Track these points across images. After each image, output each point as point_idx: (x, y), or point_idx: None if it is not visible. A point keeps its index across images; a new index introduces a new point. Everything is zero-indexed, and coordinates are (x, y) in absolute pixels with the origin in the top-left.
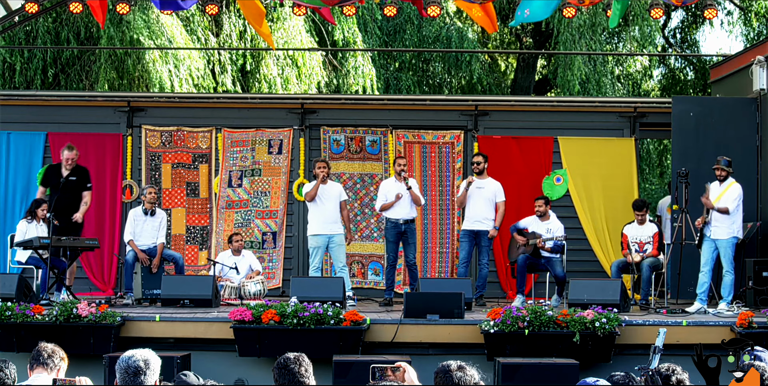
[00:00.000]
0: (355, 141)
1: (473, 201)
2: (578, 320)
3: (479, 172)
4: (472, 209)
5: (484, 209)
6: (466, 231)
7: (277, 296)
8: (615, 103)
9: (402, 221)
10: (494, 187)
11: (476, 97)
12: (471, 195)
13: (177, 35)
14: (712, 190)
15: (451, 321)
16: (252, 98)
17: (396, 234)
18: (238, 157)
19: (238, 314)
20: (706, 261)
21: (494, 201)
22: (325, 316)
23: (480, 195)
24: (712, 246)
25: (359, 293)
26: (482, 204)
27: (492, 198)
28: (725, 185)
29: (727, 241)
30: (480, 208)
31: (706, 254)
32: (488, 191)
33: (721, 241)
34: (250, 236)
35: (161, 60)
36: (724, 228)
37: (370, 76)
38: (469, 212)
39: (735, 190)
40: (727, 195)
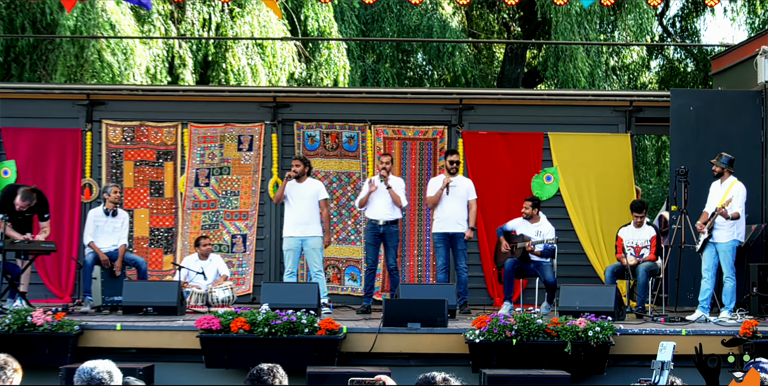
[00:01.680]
0: (331, 137)
1: (446, 202)
2: (570, 329)
3: (455, 171)
4: (446, 210)
5: (459, 209)
6: (440, 234)
7: (247, 303)
8: (609, 97)
9: (381, 222)
10: (466, 185)
11: (460, 90)
12: (445, 195)
13: (126, 21)
14: (713, 190)
15: (433, 329)
16: (221, 91)
17: (375, 236)
18: (206, 154)
19: (205, 322)
20: (708, 266)
21: (467, 200)
22: (299, 325)
23: (454, 194)
24: (713, 250)
25: (335, 300)
26: (456, 204)
27: (465, 197)
28: (727, 185)
29: (727, 245)
30: (454, 209)
31: (708, 259)
32: (461, 190)
33: (722, 245)
34: (219, 239)
35: (109, 49)
36: (724, 230)
37: (345, 68)
38: (443, 213)
39: (740, 191)
40: (734, 200)
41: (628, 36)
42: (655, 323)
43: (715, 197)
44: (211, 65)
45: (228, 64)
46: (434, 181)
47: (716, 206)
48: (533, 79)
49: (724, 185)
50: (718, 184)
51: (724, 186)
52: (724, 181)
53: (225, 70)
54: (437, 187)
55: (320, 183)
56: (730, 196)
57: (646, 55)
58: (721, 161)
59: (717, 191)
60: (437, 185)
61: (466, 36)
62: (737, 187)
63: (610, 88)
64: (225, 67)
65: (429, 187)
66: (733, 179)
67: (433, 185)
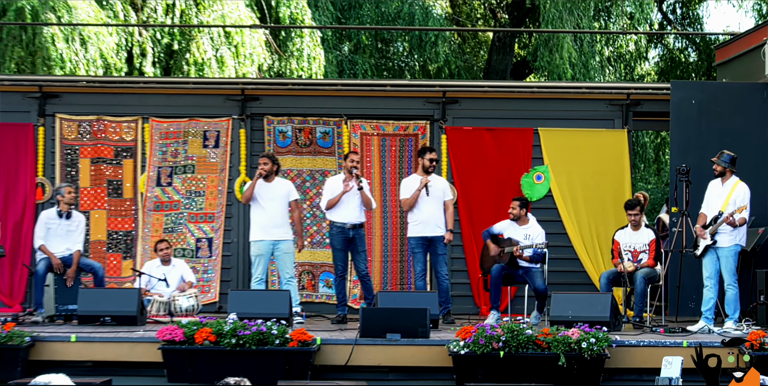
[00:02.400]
0: (304, 132)
1: (423, 204)
2: (562, 340)
3: (434, 170)
4: (424, 212)
5: (437, 211)
6: (417, 238)
7: (213, 312)
8: (605, 89)
9: (349, 225)
10: (442, 185)
11: (444, 82)
12: (421, 197)
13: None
14: (712, 190)
15: (414, 341)
16: (185, 83)
17: (343, 241)
18: (168, 151)
19: (167, 333)
20: (710, 274)
21: (443, 201)
22: (269, 336)
23: (431, 194)
24: (714, 256)
25: (309, 308)
26: (434, 206)
27: (441, 198)
28: (729, 186)
29: (729, 250)
30: (432, 211)
31: (709, 266)
32: (437, 190)
33: (723, 250)
34: (182, 243)
35: (64, 37)
36: (726, 235)
37: (319, 58)
38: (419, 216)
39: (746, 193)
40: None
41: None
42: (654, 334)
43: (716, 198)
44: (175, 56)
45: (192, 55)
46: (408, 181)
47: (718, 209)
48: (522, 70)
49: (726, 186)
50: (718, 183)
51: (727, 187)
52: (725, 181)
53: (189, 61)
54: (413, 187)
55: (290, 183)
56: (736, 200)
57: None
58: (722, 159)
59: (718, 192)
60: (413, 186)
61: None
62: (741, 188)
63: (606, 79)
64: (189, 59)
65: (402, 189)
66: (736, 179)
67: (407, 186)
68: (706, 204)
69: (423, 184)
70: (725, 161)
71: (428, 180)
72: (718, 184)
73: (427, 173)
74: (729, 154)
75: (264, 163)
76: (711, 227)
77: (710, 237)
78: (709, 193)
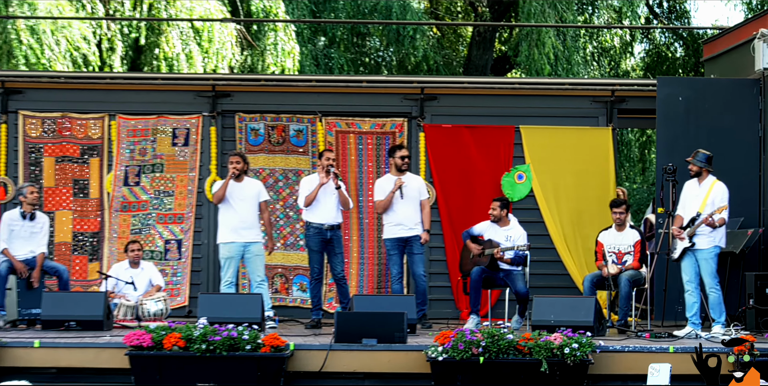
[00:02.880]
0: (277, 130)
1: (399, 204)
2: (544, 345)
3: (407, 169)
4: (399, 213)
5: (412, 211)
6: (393, 240)
7: (182, 317)
8: (588, 86)
9: (327, 226)
10: (417, 184)
11: (422, 78)
12: (396, 197)
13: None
14: (689, 191)
15: (391, 346)
16: (153, 78)
17: (320, 242)
18: (136, 150)
19: (134, 338)
20: (691, 277)
21: (419, 200)
22: (240, 341)
23: (405, 195)
24: (693, 258)
25: (282, 313)
26: (409, 206)
27: (417, 197)
28: (706, 186)
29: (709, 252)
30: (407, 211)
31: (688, 269)
32: (412, 189)
33: (702, 252)
34: (151, 244)
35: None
36: (704, 236)
37: (293, 53)
38: (394, 217)
39: (724, 193)
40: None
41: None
42: (640, 339)
43: (693, 199)
44: (143, 51)
45: (161, 50)
46: (382, 182)
47: (696, 210)
48: (503, 65)
49: (703, 186)
50: (694, 183)
51: (704, 187)
52: (702, 182)
53: (158, 56)
54: (387, 189)
55: (260, 183)
56: (714, 201)
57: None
58: (697, 159)
59: (694, 193)
60: (387, 187)
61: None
62: (719, 188)
63: (590, 75)
64: (158, 54)
65: (376, 190)
66: (713, 179)
67: (381, 187)
68: (682, 205)
69: (397, 187)
70: (701, 160)
71: (402, 182)
72: (695, 185)
73: (401, 172)
74: (704, 153)
75: (236, 161)
76: (689, 229)
77: (688, 238)
78: (686, 194)
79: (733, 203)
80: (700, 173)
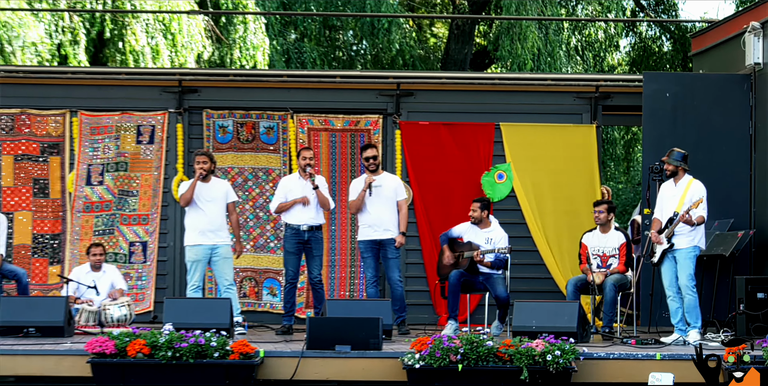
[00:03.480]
0: (247, 127)
1: (372, 205)
2: (525, 352)
3: (374, 169)
4: (372, 214)
5: (387, 213)
6: (366, 242)
7: (147, 322)
8: (572, 81)
9: (305, 227)
10: (393, 184)
11: (398, 73)
12: (369, 198)
13: None
14: (665, 192)
15: (365, 353)
16: (117, 73)
17: (297, 245)
18: (100, 147)
19: (97, 345)
20: (671, 282)
21: (396, 201)
22: (208, 348)
23: (379, 195)
24: (672, 261)
25: (252, 318)
26: (383, 207)
27: (393, 198)
28: (683, 185)
29: (687, 252)
30: (381, 212)
31: (668, 273)
32: (387, 189)
33: (681, 252)
34: (114, 247)
35: None
36: (683, 236)
37: (264, 46)
38: (368, 218)
39: (702, 191)
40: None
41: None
42: (625, 346)
43: (669, 200)
44: (107, 44)
45: (128, 44)
46: (356, 182)
47: (674, 210)
48: (483, 60)
49: (679, 186)
50: (670, 184)
51: (680, 186)
52: (678, 181)
53: (124, 50)
54: (359, 188)
55: (228, 183)
56: (692, 199)
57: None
58: (673, 158)
59: (671, 193)
60: (360, 187)
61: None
62: (696, 186)
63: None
64: (123, 48)
65: (350, 190)
66: (690, 178)
67: (354, 187)
68: (659, 207)
69: (366, 184)
70: (677, 159)
71: (372, 179)
72: (671, 185)
73: (371, 172)
74: (680, 152)
75: (203, 161)
76: (666, 230)
77: (666, 240)
78: (662, 195)
79: (723, 204)
80: (676, 172)
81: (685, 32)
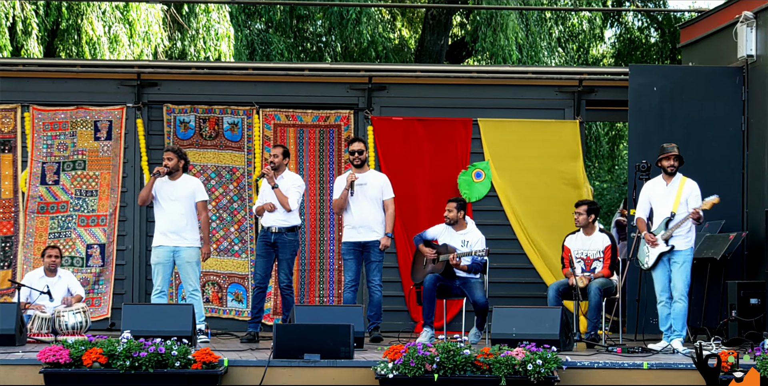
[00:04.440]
0: (210, 123)
1: (356, 204)
2: (504, 361)
3: (360, 164)
4: (356, 214)
5: (372, 213)
6: (349, 244)
7: (104, 330)
8: (554, 74)
9: (274, 229)
10: (380, 182)
11: (370, 65)
12: (353, 197)
13: None
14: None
15: (336, 362)
16: (71, 65)
17: (265, 247)
18: (54, 144)
19: (50, 354)
20: (664, 286)
21: (381, 201)
22: (169, 357)
23: (363, 194)
24: (666, 265)
25: (216, 325)
26: (368, 207)
27: (379, 197)
28: (677, 183)
29: (687, 254)
30: (365, 212)
31: (662, 277)
32: (373, 188)
33: (680, 255)
34: (71, 250)
35: None
36: (680, 238)
37: (229, 37)
38: (351, 218)
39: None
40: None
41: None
42: (611, 354)
43: (662, 199)
44: (61, 35)
45: (84, 34)
46: (340, 179)
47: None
48: (460, 52)
49: (673, 184)
50: (659, 183)
51: (674, 185)
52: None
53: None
54: (342, 186)
55: (198, 181)
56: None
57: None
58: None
59: (662, 192)
60: (342, 184)
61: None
62: (692, 184)
63: (555, 63)
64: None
65: (335, 188)
66: (681, 176)
67: (338, 185)
68: (643, 208)
69: (348, 182)
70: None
71: (354, 177)
72: (660, 184)
73: (358, 168)
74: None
75: (169, 158)
76: (663, 232)
77: (664, 242)
78: (651, 195)
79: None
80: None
81: (674, 22)
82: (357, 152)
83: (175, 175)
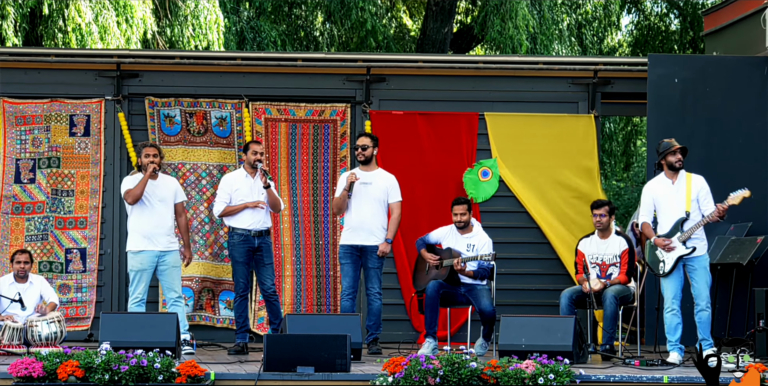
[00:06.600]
0: (197, 118)
1: (357, 205)
2: (513, 375)
3: (365, 161)
4: (356, 215)
5: (373, 215)
6: (347, 247)
7: (81, 341)
8: (566, 65)
9: (254, 232)
10: (386, 183)
11: (368, 55)
12: (354, 196)
13: None
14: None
15: (331, 375)
16: (45, 55)
17: (246, 253)
18: (29, 140)
19: (22, 367)
20: (676, 293)
21: (386, 203)
22: (151, 370)
23: (366, 194)
24: (681, 271)
25: (209, 335)
26: (369, 208)
27: (383, 199)
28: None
29: (706, 259)
30: (365, 213)
31: (675, 284)
32: (377, 189)
33: (700, 259)
34: (49, 254)
35: None
36: (698, 240)
37: (219, 24)
38: (350, 220)
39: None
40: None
41: None
42: (628, 367)
43: (669, 199)
44: (44, 21)
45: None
46: (343, 177)
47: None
48: (465, 41)
49: (679, 182)
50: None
51: (680, 183)
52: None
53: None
54: (343, 185)
55: (176, 180)
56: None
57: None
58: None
59: (666, 191)
60: (343, 184)
61: None
62: (700, 180)
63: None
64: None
65: (338, 185)
66: (685, 172)
67: (340, 183)
68: (647, 210)
69: (348, 182)
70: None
71: (355, 178)
72: (665, 183)
73: (364, 165)
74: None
75: (154, 154)
76: (679, 233)
77: (683, 245)
78: (656, 195)
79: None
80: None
81: (697, 9)
82: (360, 147)
83: (156, 174)
